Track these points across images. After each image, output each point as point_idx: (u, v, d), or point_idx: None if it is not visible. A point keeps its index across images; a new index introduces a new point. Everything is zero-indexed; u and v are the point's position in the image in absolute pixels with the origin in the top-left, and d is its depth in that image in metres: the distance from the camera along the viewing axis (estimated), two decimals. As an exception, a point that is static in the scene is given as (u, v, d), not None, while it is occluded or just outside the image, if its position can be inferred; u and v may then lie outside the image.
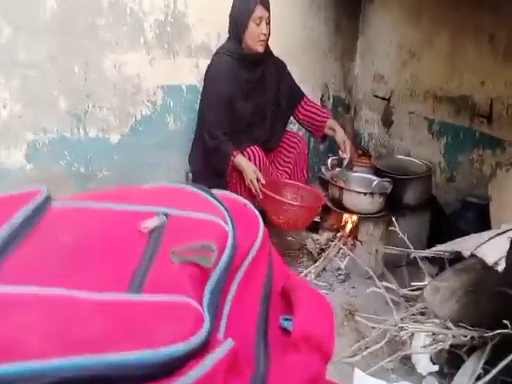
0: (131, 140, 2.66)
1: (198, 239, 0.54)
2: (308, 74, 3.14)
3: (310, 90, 3.18)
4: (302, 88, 3.10)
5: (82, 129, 2.51)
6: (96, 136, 2.56)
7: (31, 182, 2.46)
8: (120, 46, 2.49)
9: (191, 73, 2.69)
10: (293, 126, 2.98)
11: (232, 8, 2.23)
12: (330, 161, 2.52)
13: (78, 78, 2.44)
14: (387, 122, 3.11)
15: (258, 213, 0.66)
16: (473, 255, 1.23)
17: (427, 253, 1.44)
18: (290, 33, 2.98)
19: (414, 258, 1.58)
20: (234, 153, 2.16)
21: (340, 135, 2.37)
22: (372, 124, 3.28)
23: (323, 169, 2.93)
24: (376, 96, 3.17)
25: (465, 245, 1.31)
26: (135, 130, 2.66)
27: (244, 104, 2.29)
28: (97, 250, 0.52)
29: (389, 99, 3.07)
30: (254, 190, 2.13)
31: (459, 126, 2.54)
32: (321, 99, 3.28)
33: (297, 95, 2.49)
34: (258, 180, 2.10)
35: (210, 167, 2.30)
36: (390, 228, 1.84)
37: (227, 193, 0.68)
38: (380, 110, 3.17)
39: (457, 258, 1.41)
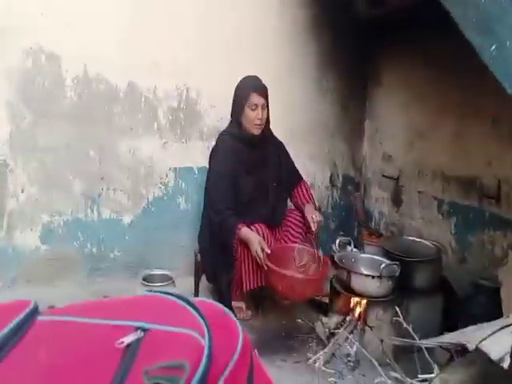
0: (143, 220, 2.73)
1: (173, 355, 0.55)
2: (317, 154, 3.25)
3: (319, 168, 3.27)
4: (311, 166, 3.22)
5: (96, 210, 2.60)
6: (109, 217, 2.64)
7: (45, 263, 2.52)
8: (134, 131, 2.64)
9: (202, 155, 2.80)
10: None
11: (234, 93, 2.40)
12: (338, 241, 2.52)
13: (93, 162, 2.57)
14: (397, 201, 3.13)
15: (237, 321, 0.67)
16: (478, 348, 1.19)
17: (433, 344, 1.39)
18: (298, 115, 3.13)
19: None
20: (240, 225, 2.21)
21: (307, 212, 2.40)
22: (382, 203, 3.30)
23: (333, 247, 2.91)
24: (385, 175, 3.22)
25: (470, 337, 1.27)
26: (147, 210, 2.73)
27: (247, 180, 2.38)
28: (74, 369, 0.53)
29: (397, 178, 3.11)
30: (259, 261, 2.13)
31: (469, 206, 2.53)
32: (330, 178, 3.35)
33: (294, 178, 2.60)
34: (263, 250, 2.12)
35: (216, 244, 2.33)
36: (395, 318, 1.79)
37: (207, 301, 0.70)
38: (389, 189, 3.20)
39: (464, 348, 1.36)
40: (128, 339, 0.56)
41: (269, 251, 2.11)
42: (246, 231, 2.18)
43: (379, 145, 3.32)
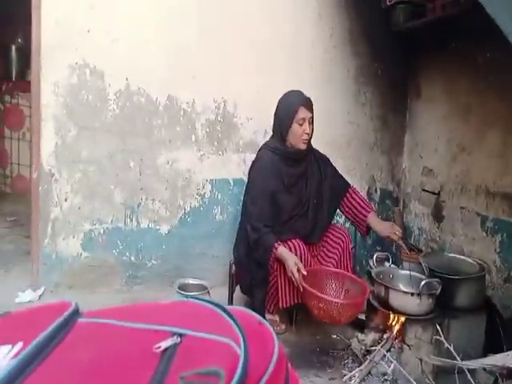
0: (180, 230, 2.77)
1: (208, 363, 0.55)
2: (354, 167, 3.21)
3: (357, 182, 3.23)
4: (348, 180, 3.15)
5: (135, 220, 2.67)
6: (147, 226, 2.70)
7: (86, 269, 2.59)
8: (173, 143, 2.70)
9: (238, 167, 2.83)
10: (339, 219, 2.99)
11: (277, 108, 2.36)
12: (375, 256, 2.46)
13: (134, 173, 2.64)
14: (438, 216, 3.04)
15: (273, 331, 0.66)
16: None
17: (476, 366, 1.32)
18: (336, 128, 3.11)
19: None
20: (276, 245, 2.18)
21: (382, 232, 2.34)
22: (422, 218, 3.21)
23: (370, 262, 2.85)
24: (425, 190, 3.14)
25: (518, 361, 1.21)
26: (184, 221, 2.77)
27: (286, 197, 2.34)
28: (112, 371, 0.54)
29: (439, 193, 3.02)
30: (294, 282, 2.10)
31: (514, 223, 2.43)
32: (367, 192, 3.29)
33: (341, 189, 2.52)
34: (299, 271, 2.09)
35: (252, 258, 2.31)
36: (435, 336, 1.72)
37: (242, 309, 0.69)
38: (430, 204, 3.12)
39: (510, 371, 1.29)
40: (165, 344, 0.56)
41: (305, 273, 2.08)
42: (282, 250, 2.16)
43: (419, 158, 3.24)
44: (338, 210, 2.57)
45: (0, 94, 4.64)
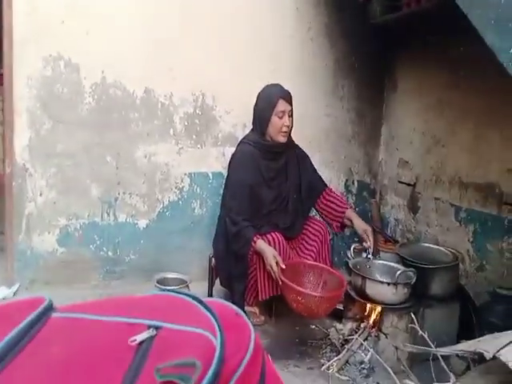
0: (158, 225, 2.75)
1: (185, 354, 0.55)
2: (332, 160, 3.24)
3: (335, 174, 3.26)
4: (326, 172, 3.20)
5: (112, 214, 2.64)
6: (125, 221, 2.68)
7: (62, 265, 2.56)
8: (151, 137, 2.68)
9: (217, 161, 2.82)
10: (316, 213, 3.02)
11: (256, 101, 2.37)
12: (352, 247, 2.49)
13: (110, 167, 2.61)
14: (413, 207, 3.10)
15: (249, 322, 0.67)
16: (495, 357, 1.16)
17: (449, 352, 1.36)
18: (314, 120, 3.13)
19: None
20: (255, 238, 2.19)
21: (359, 226, 2.37)
22: (398, 209, 3.27)
23: (348, 254, 2.89)
24: (401, 182, 3.19)
25: (488, 345, 1.24)
26: (162, 215, 2.76)
27: (266, 191, 2.36)
28: (86, 365, 0.54)
29: (414, 185, 3.08)
30: (273, 275, 2.12)
31: (487, 214, 2.49)
32: (345, 184, 3.33)
33: (318, 187, 2.54)
34: (277, 264, 2.10)
35: (231, 251, 2.32)
36: (410, 324, 1.77)
37: (219, 301, 0.70)
38: (406, 196, 3.17)
39: (481, 357, 1.33)
40: (140, 337, 0.57)
41: (283, 266, 2.10)
42: (261, 243, 2.17)
43: (396, 151, 3.29)
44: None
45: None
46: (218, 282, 2.52)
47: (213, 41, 2.74)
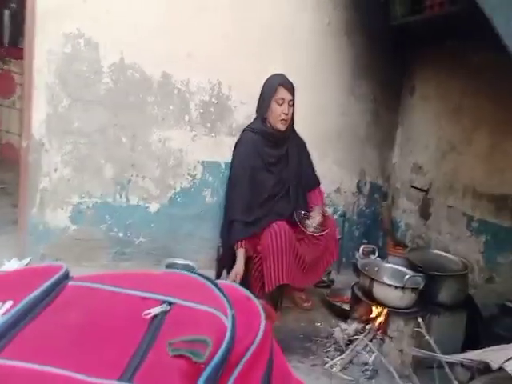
0: (169, 210, 2.76)
1: (196, 332, 0.56)
2: (345, 159, 3.21)
3: (347, 174, 3.24)
4: (338, 172, 3.19)
5: (124, 196, 2.65)
6: (136, 204, 2.68)
7: (73, 242, 2.57)
8: (166, 122, 2.68)
9: (230, 150, 2.78)
10: (328, 209, 3.00)
11: (261, 90, 2.43)
12: (362, 248, 2.47)
13: (125, 149, 2.61)
14: (425, 213, 3.07)
15: (260, 307, 0.67)
16: (501, 368, 1.15)
17: (454, 359, 1.35)
18: (329, 118, 3.10)
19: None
20: (239, 243, 2.28)
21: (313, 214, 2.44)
22: (409, 214, 3.24)
23: (357, 255, 2.88)
24: (414, 187, 3.16)
25: (494, 356, 1.23)
26: (174, 200, 2.76)
27: (266, 175, 2.40)
28: (101, 334, 0.54)
29: (427, 191, 3.05)
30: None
31: (499, 226, 2.45)
32: (357, 184, 3.31)
33: (312, 182, 2.60)
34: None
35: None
36: (416, 328, 1.75)
37: (231, 284, 0.70)
38: (418, 201, 3.14)
39: (487, 367, 1.32)
40: (154, 311, 0.57)
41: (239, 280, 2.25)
42: (239, 254, 2.28)
43: (410, 155, 3.26)
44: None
45: (-9, 59, 4.55)
46: (225, 272, 2.52)
47: (234, 29, 2.73)
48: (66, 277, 0.64)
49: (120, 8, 2.50)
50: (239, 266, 2.26)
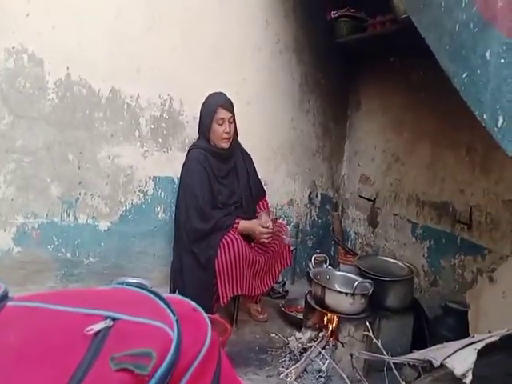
0: (120, 228, 2.70)
1: (141, 345, 0.56)
2: (297, 172, 3.30)
3: (299, 186, 3.32)
4: (291, 184, 3.26)
5: (72, 215, 2.57)
6: (85, 222, 2.61)
7: (17, 265, 2.46)
8: (115, 138, 2.64)
9: (183, 166, 2.81)
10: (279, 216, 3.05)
11: (200, 110, 2.47)
12: (314, 258, 2.55)
13: (72, 166, 2.54)
14: (373, 222, 3.18)
15: (207, 317, 0.68)
16: (442, 365, 1.21)
17: (401, 360, 1.41)
18: (281, 132, 3.19)
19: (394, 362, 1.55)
20: (237, 220, 2.34)
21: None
22: (359, 223, 3.35)
23: (309, 264, 2.94)
24: (362, 197, 3.28)
25: (436, 354, 1.29)
26: (125, 218, 2.71)
27: (220, 187, 2.44)
28: (41, 353, 0.54)
29: (374, 200, 3.17)
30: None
31: (442, 231, 2.58)
32: (309, 196, 3.39)
33: (260, 193, 2.68)
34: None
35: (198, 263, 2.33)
36: (364, 332, 1.81)
37: (177, 296, 0.71)
38: (366, 210, 3.26)
39: (431, 365, 1.38)
40: (97, 327, 0.57)
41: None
42: (243, 224, 2.36)
43: (358, 166, 3.38)
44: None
45: None
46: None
47: (183, 45, 2.74)
48: (5, 297, 0.62)
49: (65, 23, 2.44)
50: (254, 226, 2.38)
